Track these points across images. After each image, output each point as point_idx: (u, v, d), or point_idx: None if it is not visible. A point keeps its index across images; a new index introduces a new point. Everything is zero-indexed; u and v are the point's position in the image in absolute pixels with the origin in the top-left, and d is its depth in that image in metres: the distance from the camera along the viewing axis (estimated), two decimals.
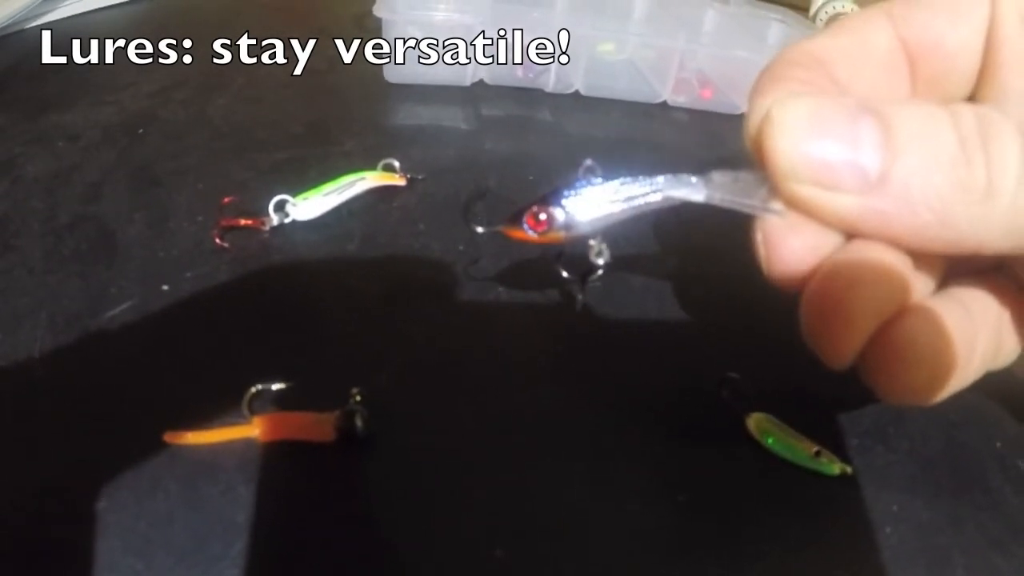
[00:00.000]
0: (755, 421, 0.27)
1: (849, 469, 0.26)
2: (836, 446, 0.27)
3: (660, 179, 0.20)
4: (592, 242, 0.23)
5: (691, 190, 0.19)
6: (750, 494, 0.26)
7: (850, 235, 0.19)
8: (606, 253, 0.23)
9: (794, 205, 0.18)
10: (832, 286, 0.18)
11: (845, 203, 0.17)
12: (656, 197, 0.20)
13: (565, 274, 0.25)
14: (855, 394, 0.29)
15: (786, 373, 0.29)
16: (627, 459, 0.26)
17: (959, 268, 0.21)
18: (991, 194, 0.16)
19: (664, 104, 0.52)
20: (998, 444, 0.29)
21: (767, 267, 0.19)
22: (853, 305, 0.18)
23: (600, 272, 0.23)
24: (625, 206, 0.20)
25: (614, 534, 0.24)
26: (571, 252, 0.24)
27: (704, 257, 0.37)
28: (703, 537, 0.24)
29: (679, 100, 0.52)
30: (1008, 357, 0.21)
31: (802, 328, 0.19)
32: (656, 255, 0.37)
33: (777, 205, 0.18)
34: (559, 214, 0.20)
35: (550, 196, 0.21)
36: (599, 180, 0.20)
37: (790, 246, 0.19)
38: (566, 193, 0.21)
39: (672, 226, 0.38)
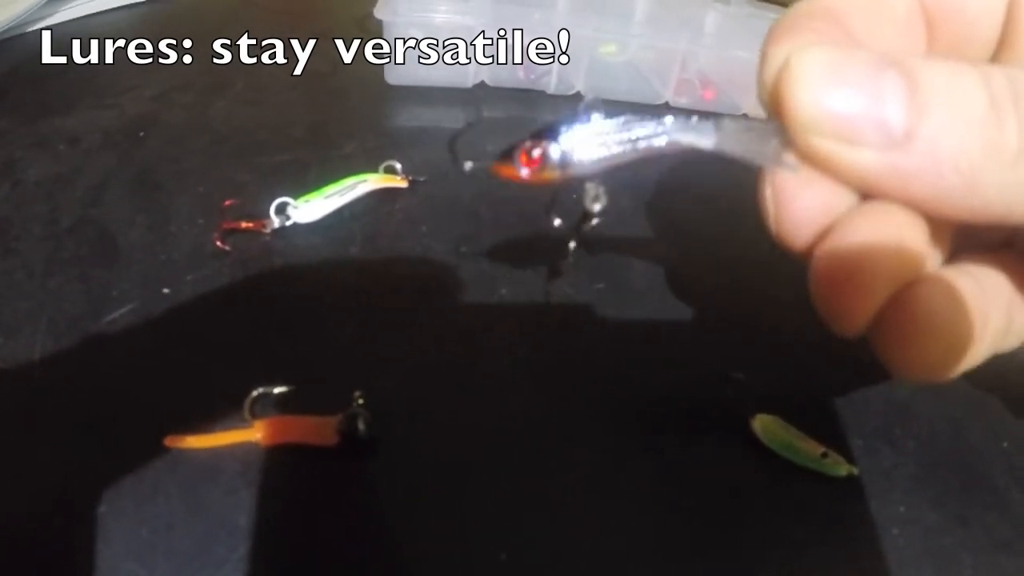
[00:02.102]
0: (760, 423, 0.27)
1: (856, 470, 0.26)
2: (841, 447, 0.27)
3: (668, 120, 0.18)
4: (588, 185, 0.21)
5: (699, 136, 0.18)
6: (755, 496, 0.26)
7: (865, 195, 0.18)
8: (603, 198, 0.21)
9: (810, 159, 0.17)
10: (846, 248, 0.17)
11: (865, 159, 0.16)
12: (661, 141, 0.18)
13: (558, 222, 0.23)
14: (860, 394, 0.29)
15: (790, 374, 0.29)
16: (631, 462, 0.26)
17: (967, 242, 0.20)
18: (1023, 158, 0.15)
19: (666, 105, 0.52)
20: (1004, 444, 0.28)
21: (775, 225, 0.18)
22: (868, 269, 0.17)
23: (596, 220, 0.21)
24: (627, 147, 0.18)
25: (618, 537, 0.24)
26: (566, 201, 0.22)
27: (707, 257, 0.37)
28: (708, 540, 0.24)
29: (681, 101, 0.52)
30: (1017, 337, 0.20)
31: (811, 292, 0.18)
32: (660, 249, 0.37)
33: (790, 158, 0.17)
34: (554, 151, 0.19)
35: (545, 131, 0.19)
36: (601, 117, 0.19)
37: (802, 203, 0.18)
38: (563, 129, 0.19)
39: (674, 217, 0.38)
